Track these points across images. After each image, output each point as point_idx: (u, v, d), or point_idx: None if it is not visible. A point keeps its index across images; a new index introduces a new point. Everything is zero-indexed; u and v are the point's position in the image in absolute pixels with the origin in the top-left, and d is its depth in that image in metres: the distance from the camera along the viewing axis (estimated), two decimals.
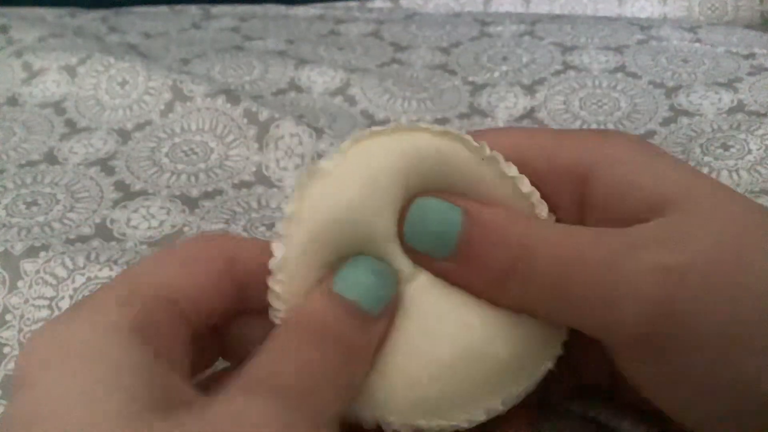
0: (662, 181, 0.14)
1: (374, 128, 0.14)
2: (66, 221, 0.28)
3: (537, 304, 0.13)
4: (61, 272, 0.25)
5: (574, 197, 0.15)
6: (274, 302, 0.14)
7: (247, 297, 0.15)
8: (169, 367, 0.12)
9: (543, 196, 0.15)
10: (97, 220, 0.28)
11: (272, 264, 0.14)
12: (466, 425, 0.14)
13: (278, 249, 0.14)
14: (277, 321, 0.14)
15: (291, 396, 0.12)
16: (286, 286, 0.14)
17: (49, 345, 0.12)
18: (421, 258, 0.14)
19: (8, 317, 0.24)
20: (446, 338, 0.14)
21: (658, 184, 0.13)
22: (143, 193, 0.30)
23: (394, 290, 0.14)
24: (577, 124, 0.34)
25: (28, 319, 0.24)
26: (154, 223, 0.28)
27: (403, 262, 0.14)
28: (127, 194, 0.30)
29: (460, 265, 0.14)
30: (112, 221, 0.28)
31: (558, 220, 0.15)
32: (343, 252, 0.14)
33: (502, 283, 0.13)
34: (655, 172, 0.14)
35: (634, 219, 0.13)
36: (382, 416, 0.14)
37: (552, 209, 0.15)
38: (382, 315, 0.14)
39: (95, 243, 0.27)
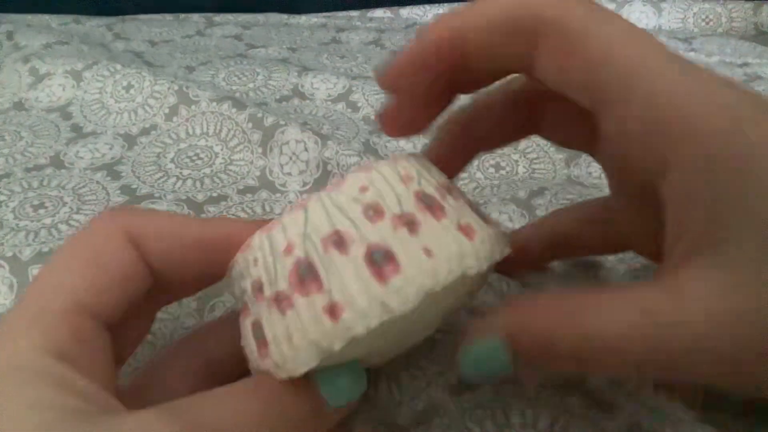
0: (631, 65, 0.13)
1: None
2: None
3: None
4: None
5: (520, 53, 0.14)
6: (262, 364, 0.14)
7: (166, 269, 0.15)
8: (88, 377, 0.12)
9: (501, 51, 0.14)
10: None
11: (273, 363, 0.14)
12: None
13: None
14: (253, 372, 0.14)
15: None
16: (282, 364, 0.14)
17: None
18: None
19: None
20: None
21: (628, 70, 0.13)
22: (149, 197, 0.30)
23: (358, 396, 0.15)
24: None
25: (1, 317, 0.24)
26: None
27: None
28: (133, 198, 0.30)
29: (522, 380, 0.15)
30: None
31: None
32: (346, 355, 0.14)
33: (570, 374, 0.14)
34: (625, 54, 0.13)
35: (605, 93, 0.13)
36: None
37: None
38: (342, 410, 0.15)
39: None
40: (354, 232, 0.13)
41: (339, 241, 0.13)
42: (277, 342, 0.13)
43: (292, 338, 0.13)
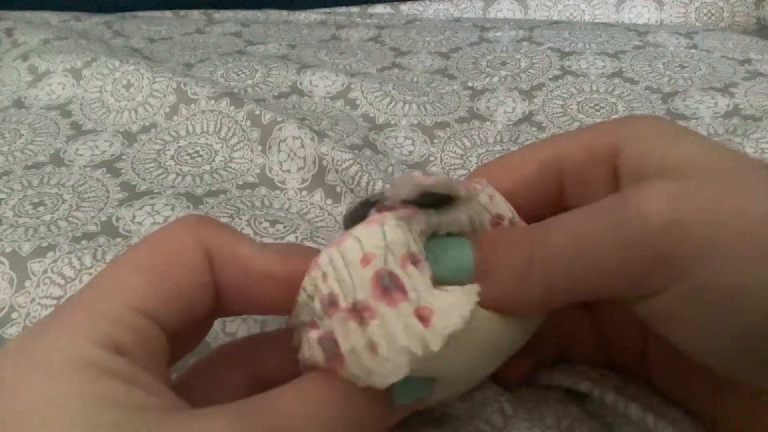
0: (674, 151, 0.14)
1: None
2: (72, 219, 0.28)
3: (563, 286, 0.14)
4: (69, 272, 0.25)
5: (609, 175, 0.16)
6: (316, 356, 0.14)
7: (230, 292, 0.14)
8: (149, 374, 0.12)
9: (583, 182, 0.16)
10: (103, 218, 0.28)
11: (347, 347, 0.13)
12: None
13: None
14: (304, 368, 0.14)
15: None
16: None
17: (24, 356, 0.12)
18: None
19: (14, 315, 0.24)
20: None
21: (669, 155, 0.14)
22: (149, 192, 0.30)
23: (428, 389, 0.14)
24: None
25: (34, 317, 0.24)
26: (159, 219, 0.28)
27: None
28: (132, 194, 0.30)
29: (485, 282, 0.14)
30: (118, 218, 0.28)
31: None
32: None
33: (526, 280, 0.14)
34: (670, 145, 0.14)
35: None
36: None
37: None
38: (409, 406, 0.14)
39: (101, 240, 0.27)
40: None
41: (415, 260, 0.14)
42: (357, 354, 0.13)
43: (377, 348, 0.13)
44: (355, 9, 0.53)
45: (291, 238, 0.26)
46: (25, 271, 0.25)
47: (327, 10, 0.53)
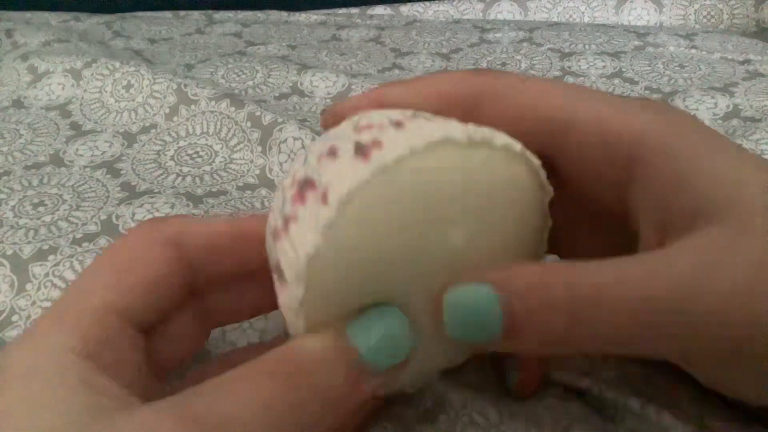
0: (714, 183, 0.12)
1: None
2: (72, 219, 0.28)
3: (607, 346, 0.12)
4: (70, 275, 0.25)
5: (620, 173, 0.14)
6: (284, 305, 0.13)
7: (205, 266, 0.15)
8: (110, 374, 0.12)
9: (588, 169, 0.15)
10: (103, 217, 0.28)
11: (289, 299, 0.13)
12: None
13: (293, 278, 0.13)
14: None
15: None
16: (304, 321, 0.13)
17: (3, 366, 0.13)
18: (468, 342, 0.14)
19: (14, 318, 0.24)
20: None
21: (709, 187, 0.12)
22: (149, 192, 0.30)
23: (406, 354, 0.13)
24: None
25: (35, 320, 0.24)
26: (159, 216, 0.28)
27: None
28: (132, 194, 0.30)
29: (512, 341, 0.12)
30: (118, 216, 0.28)
31: (575, 187, 0.15)
32: (370, 290, 0.13)
33: (564, 340, 0.12)
34: (709, 171, 0.13)
35: (677, 219, 0.13)
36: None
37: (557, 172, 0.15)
38: (387, 372, 0.13)
39: (102, 241, 0.27)
40: (345, 141, 0.13)
41: (331, 151, 0.13)
42: (287, 257, 0.12)
43: (295, 241, 0.12)
44: (355, 10, 0.53)
45: None
46: (26, 274, 0.25)
47: (327, 10, 0.53)
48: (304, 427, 0.12)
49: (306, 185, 0.13)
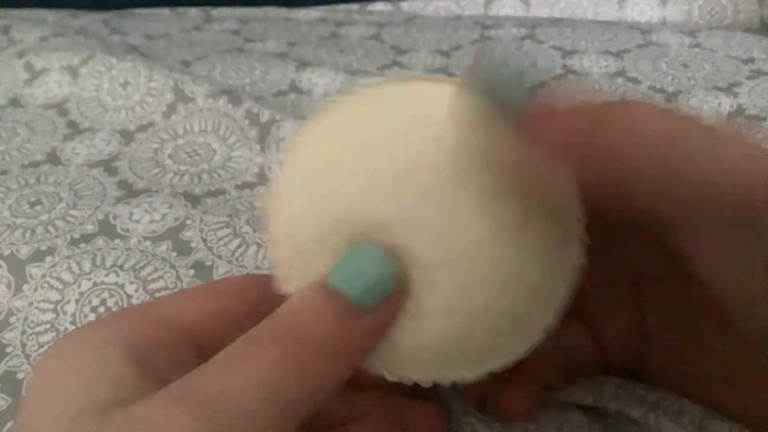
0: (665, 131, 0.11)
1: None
2: (69, 218, 0.28)
3: (613, 170, 0.11)
4: (68, 277, 0.25)
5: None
6: (271, 256, 0.14)
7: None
8: (144, 376, 0.12)
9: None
10: (100, 216, 0.28)
11: (271, 253, 0.13)
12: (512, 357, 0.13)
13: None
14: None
15: (223, 418, 0.11)
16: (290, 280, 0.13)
17: (54, 351, 0.13)
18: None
19: (12, 319, 0.24)
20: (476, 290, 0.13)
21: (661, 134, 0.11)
22: (146, 191, 0.30)
23: (393, 285, 0.12)
24: None
25: (32, 321, 0.24)
26: (157, 216, 0.28)
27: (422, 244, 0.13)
28: (130, 192, 0.30)
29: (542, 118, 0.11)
30: (115, 216, 0.28)
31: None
32: (355, 237, 0.13)
33: (586, 142, 0.11)
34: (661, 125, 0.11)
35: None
36: (405, 374, 0.13)
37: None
38: (376, 309, 0.12)
39: (99, 242, 0.27)
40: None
41: None
42: (265, 213, 0.14)
43: (270, 197, 0.13)
44: (355, 6, 0.53)
45: None
46: (23, 275, 0.25)
47: (327, 7, 0.52)
48: (314, 389, 0.12)
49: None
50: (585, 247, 0.13)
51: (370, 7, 0.52)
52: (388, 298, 0.12)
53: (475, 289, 0.13)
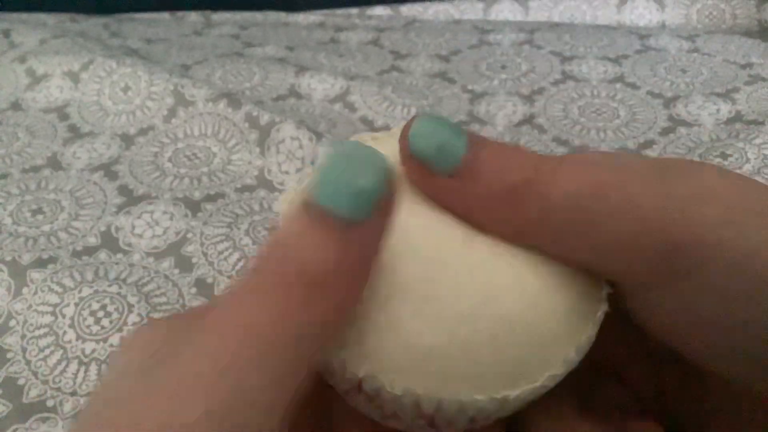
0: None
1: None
2: (72, 230, 0.28)
3: (548, 234, 0.12)
4: (69, 282, 0.25)
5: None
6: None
7: None
8: None
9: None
10: (102, 228, 0.28)
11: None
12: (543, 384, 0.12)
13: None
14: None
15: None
16: None
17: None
18: (420, 174, 0.12)
19: (12, 323, 0.24)
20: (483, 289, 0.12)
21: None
22: (146, 197, 0.30)
23: (382, 185, 0.11)
24: (576, 130, 0.34)
25: (31, 324, 0.24)
26: (158, 230, 0.28)
27: None
28: (130, 199, 0.30)
29: (465, 181, 0.12)
30: (117, 229, 0.28)
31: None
32: None
33: (519, 198, 0.12)
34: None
35: None
36: (407, 386, 0.11)
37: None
38: (364, 217, 0.10)
39: (102, 256, 0.27)
40: None
41: None
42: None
43: None
44: (354, 11, 0.53)
45: None
46: (24, 279, 0.25)
47: (326, 11, 0.52)
48: (318, 324, 0.11)
49: None
50: (606, 291, 0.13)
51: (369, 11, 0.53)
52: (374, 204, 0.11)
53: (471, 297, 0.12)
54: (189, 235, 0.28)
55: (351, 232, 0.10)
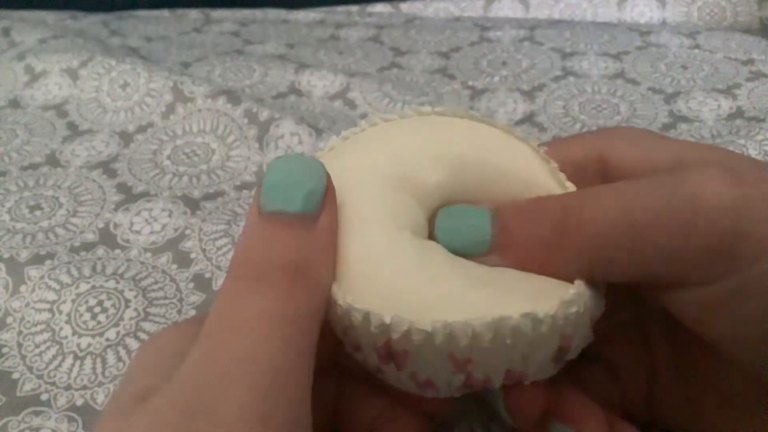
0: (675, 151, 0.14)
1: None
2: (70, 226, 0.28)
3: (609, 260, 0.13)
4: (66, 279, 0.25)
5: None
6: None
7: None
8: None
9: None
10: (101, 225, 0.28)
11: None
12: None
13: None
14: None
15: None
16: None
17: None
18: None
19: (9, 320, 0.24)
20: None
21: (672, 154, 0.14)
22: (145, 195, 0.30)
23: (325, 184, 0.12)
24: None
25: (28, 321, 0.24)
26: (157, 227, 0.28)
27: None
28: (129, 197, 0.30)
29: (503, 254, 0.13)
30: (116, 225, 0.28)
31: None
32: None
33: (556, 249, 0.13)
34: (667, 147, 0.14)
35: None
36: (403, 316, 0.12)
37: None
38: (317, 211, 0.12)
39: (100, 252, 0.27)
40: None
41: None
42: None
43: None
44: (354, 8, 0.53)
45: None
46: (22, 276, 0.25)
47: (326, 9, 0.52)
48: (305, 313, 0.12)
49: None
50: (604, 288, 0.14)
51: (370, 8, 0.53)
52: (323, 197, 0.13)
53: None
54: (187, 232, 0.27)
55: (310, 224, 0.12)
